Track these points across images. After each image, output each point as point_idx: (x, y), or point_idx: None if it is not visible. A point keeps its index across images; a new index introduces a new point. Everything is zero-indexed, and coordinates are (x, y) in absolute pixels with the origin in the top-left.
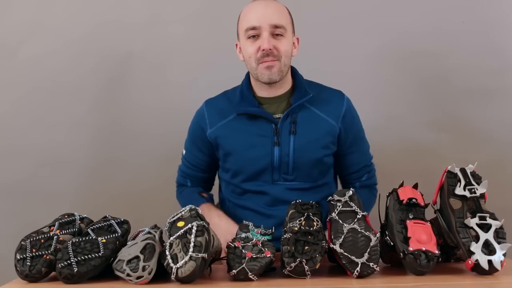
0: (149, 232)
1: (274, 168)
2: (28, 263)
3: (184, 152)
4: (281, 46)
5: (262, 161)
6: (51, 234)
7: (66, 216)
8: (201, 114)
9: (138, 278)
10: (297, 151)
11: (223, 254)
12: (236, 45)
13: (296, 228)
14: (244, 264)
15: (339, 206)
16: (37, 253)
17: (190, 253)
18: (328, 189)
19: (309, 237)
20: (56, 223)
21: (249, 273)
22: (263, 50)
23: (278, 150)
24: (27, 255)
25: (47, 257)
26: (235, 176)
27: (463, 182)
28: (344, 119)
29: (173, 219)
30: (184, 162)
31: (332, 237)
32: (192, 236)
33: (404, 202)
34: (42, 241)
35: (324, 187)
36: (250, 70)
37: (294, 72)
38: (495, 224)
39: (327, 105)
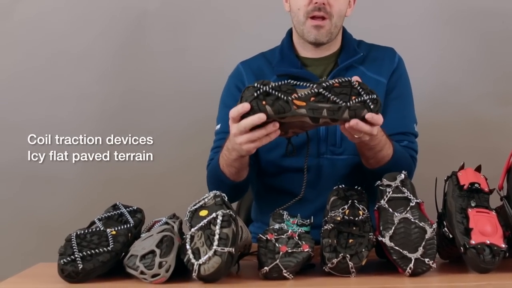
0: (166, 223)
1: (320, 138)
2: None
3: (217, 127)
4: (335, 4)
5: None
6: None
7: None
8: (238, 73)
9: (153, 276)
10: None
11: None
12: None
13: (339, 218)
14: (277, 260)
15: (389, 192)
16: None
17: (214, 247)
18: None
19: (354, 228)
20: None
21: (284, 271)
22: (316, 3)
23: None
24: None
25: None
26: (272, 150)
27: None
28: (392, 75)
29: (195, 207)
30: (219, 138)
31: (381, 228)
32: (217, 227)
33: (465, 187)
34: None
35: None
36: (295, 24)
37: (342, 30)
38: None
39: (378, 64)
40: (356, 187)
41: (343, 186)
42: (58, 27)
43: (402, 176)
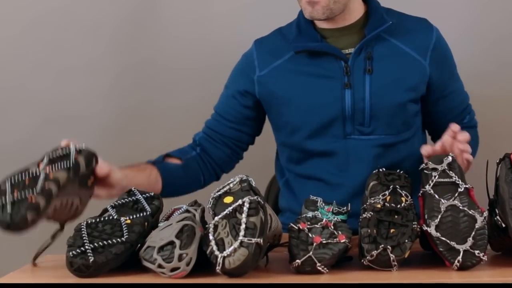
0: (187, 211)
1: (346, 117)
2: (8, 210)
3: (216, 103)
4: None
5: (330, 109)
6: (38, 172)
7: (59, 149)
8: (249, 56)
9: (172, 270)
10: (374, 95)
11: None
12: None
13: (379, 206)
14: (311, 252)
15: (435, 177)
16: (19, 197)
17: (240, 237)
18: (413, 146)
19: (396, 216)
20: (45, 158)
21: (318, 264)
22: None
23: (350, 94)
24: (7, 200)
25: (33, 200)
26: (294, 132)
27: None
28: (434, 54)
29: (219, 193)
30: (213, 115)
31: (426, 216)
32: (244, 215)
33: None
34: (27, 182)
35: (409, 143)
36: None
37: None
38: None
39: (411, 36)
40: (398, 170)
41: (384, 169)
42: None
43: (450, 158)
